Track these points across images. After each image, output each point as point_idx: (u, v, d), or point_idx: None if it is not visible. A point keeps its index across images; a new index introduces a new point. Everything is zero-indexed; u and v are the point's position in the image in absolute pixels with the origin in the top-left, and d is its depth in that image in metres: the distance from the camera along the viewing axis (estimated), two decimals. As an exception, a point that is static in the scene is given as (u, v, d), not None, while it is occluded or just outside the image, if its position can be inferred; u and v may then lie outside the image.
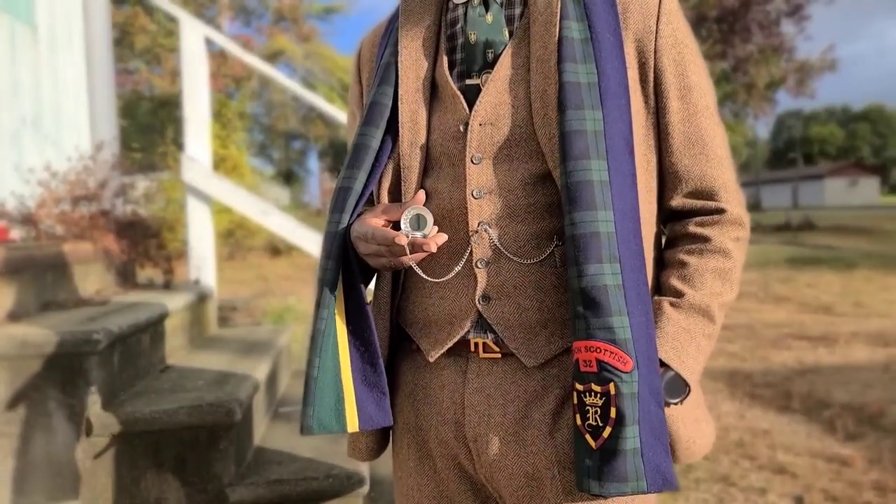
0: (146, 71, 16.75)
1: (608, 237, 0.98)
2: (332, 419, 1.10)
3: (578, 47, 1.06)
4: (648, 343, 0.99)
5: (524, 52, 1.11)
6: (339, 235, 1.12)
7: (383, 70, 1.19)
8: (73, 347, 2.03)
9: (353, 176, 1.13)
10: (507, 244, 1.08)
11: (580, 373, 0.98)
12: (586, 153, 1.00)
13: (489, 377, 1.11)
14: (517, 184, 1.08)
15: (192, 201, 4.00)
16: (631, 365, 0.95)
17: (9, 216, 3.11)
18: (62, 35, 3.89)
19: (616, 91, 1.04)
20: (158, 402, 2.14)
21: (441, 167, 1.14)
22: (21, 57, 3.49)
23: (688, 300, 1.08)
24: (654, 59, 1.09)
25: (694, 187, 1.12)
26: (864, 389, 4.79)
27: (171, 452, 2.10)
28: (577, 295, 0.98)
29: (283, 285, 9.42)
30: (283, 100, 19.60)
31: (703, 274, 1.09)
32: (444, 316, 1.13)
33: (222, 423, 2.10)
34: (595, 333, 0.96)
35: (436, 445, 1.16)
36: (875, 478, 3.31)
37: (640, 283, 1.00)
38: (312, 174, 35.64)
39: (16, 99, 3.44)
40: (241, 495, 2.10)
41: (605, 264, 0.97)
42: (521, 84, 1.09)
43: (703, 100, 1.12)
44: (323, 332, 1.10)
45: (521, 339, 1.08)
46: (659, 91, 1.10)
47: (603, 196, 0.99)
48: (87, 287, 2.95)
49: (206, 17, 18.61)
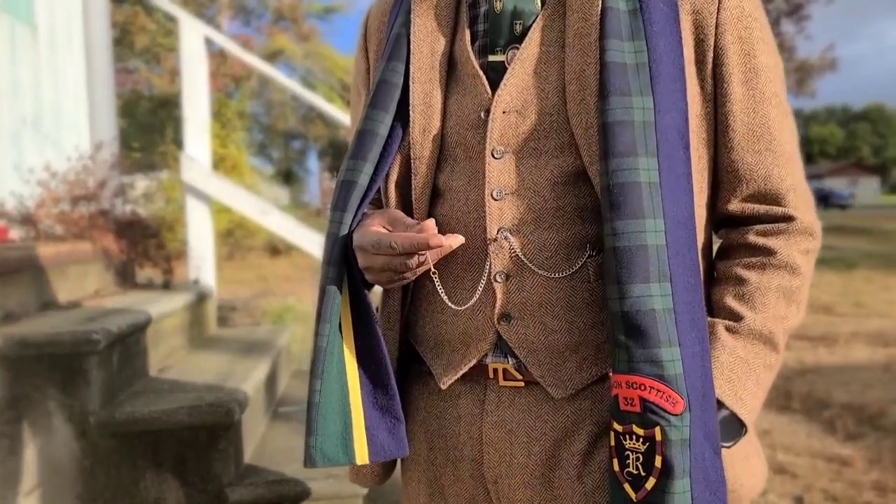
0: (146, 70, 16.76)
1: (657, 251, 0.82)
2: (339, 450, 0.96)
3: (625, 20, 0.88)
4: (704, 379, 0.83)
5: (559, 26, 0.93)
6: (341, 238, 0.95)
7: (393, 42, 1.01)
8: (73, 347, 2.03)
9: (357, 168, 0.97)
10: (531, 254, 0.92)
11: (620, 411, 0.82)
12: (633, 149, 0.83)
13: (510, 409, 0.95)
14: (545, 183, 0.92)
15: (191, 201, 3.99)
16: (681, 406, 0.79)
17: (8, 216, 3.11)
18: (62, 35, 3.89)
19: (670, 73, 0.87)
20: (158, 402, 2.13)
21: (457, 160, 0.97)
22: (21, 57, 3.49)
23: (747, 325, 0.90)
24: (714, 35, 0.91)
25: (757, 189, 0.94)
26: (864, 389, 4.79)
27: (170, 452, 2.09)
28: (619, 320, 0.82)
29: (282, 285, 9.42)
30: (283, 99, 19.61)
31: (766, 293, 0.92)
32: (457, 336, 0.97)
33: (222, 423, 2.10)
34: (639, 367, 0.81)
35: (450, 483, 1.01)
36: (875, 478, 3.31)
37: (694, 306, 0.84)
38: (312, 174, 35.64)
39: (16, 99, 3.44)
40: (241, 495, 2.10)
41: (652, 284, 0.81)
42: (554, 64, 0.92)
43: (772, 86, 0.94)
44: (325, 351, 0.95)
45: (548, 365, 0.92)
46: (719, 74, 0.92)
47: (652, 201, 0.82)
48: (86, 287, 2.94)
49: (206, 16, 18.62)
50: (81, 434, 2.04)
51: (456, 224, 0.96)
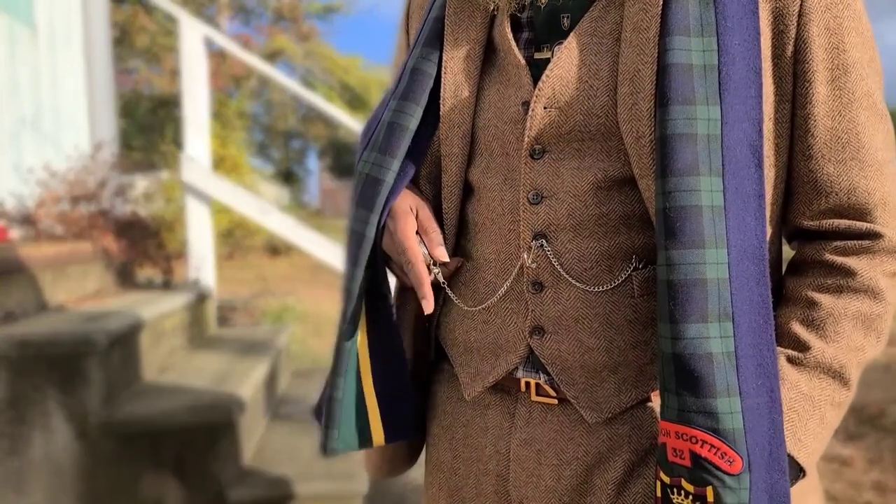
0: (146, 70, 16.75)
1: (718, 286, 0.72)
2: (356, 436, 0.95)
3: (694, 12, 0.76)
4: (772, 435, 0.73)
5: (614, 17, 0.82)
6: (368, 239, 0.88)
7: (431, 26, 0.92)
8: (73, 348, 2.03)
9: (384, 164, 0.88)
10: (569, 265, 0.83)
11: (668, 462, 0.73)
12: (694, 167, 0.72)
13: (541, 427, 0.88)
14: (587, 187, 0.82)
15: (191, 201, 3.99)
16: (740, 466, 0.70)
17: (8, 216, 3.11)
18: (62, 35, 3.89)
19: (743, 78, 0.75)
20: (158, 403, 2.13)
21: (492, 155, 0.88)
22: (20, 57, 3.49)
23: (814, 356, 0.79)
24: (796, 25, 0.78)
25: (838, 203, 0.81)
26: (864, 389, 4.78)
27: (170, 452, 2.09)
28: (669, 363, 0.73)
29: (282, 285, 9.42)
30: (283, 99, 19.60)
31: (840, 320, 0.79)
32: (486, 345, 0.90)
33: (221, 424, 2.10)
34: (691, 417, 0.71)
35: (472, 496, 0.95)
36: (875, 478, 3.31)
37: (762, 350, 0.74)
38: (312, 174, 35.63)
39: (15, 99, 3.44)
40: (241, 495, 2.10)
41: (710, 324, 0.71)
42: (606, 58, 0.81)
43: (864, 84, 0.80)
44: (349, 351, 0.92)
45: (582, 385, 0.84)
46: (800, 71, 0.79)
47: (714, 227, 0.72)
48: (86, 287, 2.94)
49: (206, 16, 18.62)
50: (81, 434, 2.04)
51: (490, 226, 0.89)
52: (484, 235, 0.90)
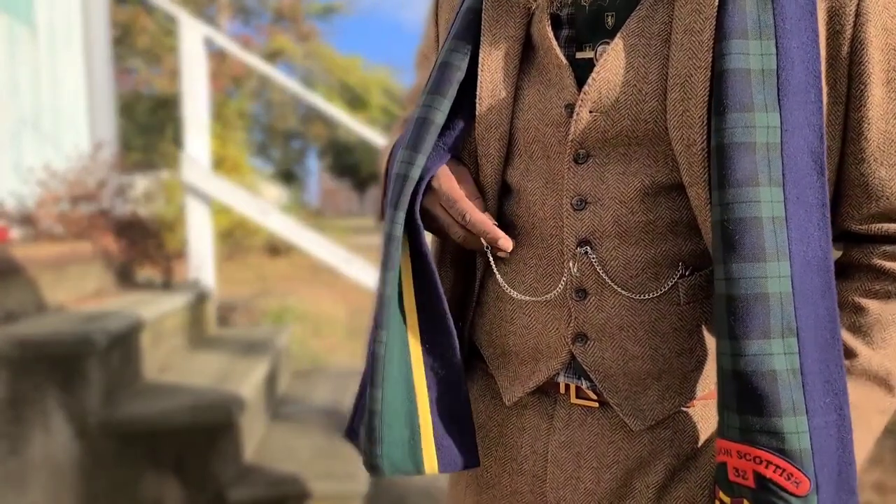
0: (146, 70, 16.76)
1: (781, 300, 0.69)
2: (407, 459, 0.88)
3: (752, 13, 0.72)
4: (842, 455, 0.71)
5: (663, 17, 0.78)
6: (396, 240, 0.85)
7: (464, 17, 0.89)
8: (73, 347, 2.03)
9: (411, 160, 0.85)
10: (614, 272, 0.81)
11: (728, 482, 0.71)
12: (754, 177, 0.70)
13: (581, 430, 0.86)
14: (633, 194, 0.80)
15: (191, 201, 4.00)
16: (807, 487, 0.68)
17: (8, 216, 3.11)
18: (62, 35, 3.89)
19: (803, 82, 0.72)
20: (157, 403, 2.13)
21: (532, 158, 0.85)
22: (21, 57, 3.49)
23: (861, 363, 0.78)
24: (853, 25, 0.75)
25: (888, 207, 0.79)
26: (864, 389, 4.79)
27: (170, 452, 2.09)
28: (730, 380, 0.70)
29: (282, 285, 9.42)
30: (283, 99, 19.60)
31: (888, 327, 0.78)
32: (527, 350, 0.88)
33: (221, 424, 2.10)
34: (754, 437, 0.69)
35: (504, 495, 0.93)
36: (875, 478, 3.31)
37: (831, 366, 0.71)
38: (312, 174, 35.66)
39: (15, 99, 3.44)
40: (241, 495, 2.10)
41: (773, 340, 0.69)
42: (655, 60, 0.77)
43: None
44: (384, 359, 0.86)
45: (626, 393, 0.83)
46: (856, 73, 0.76)
47: (776, 239, 0.69)
48: (86, 287, 2.95)
49: (206, 16, 18.62)
50: (81, 434, 2.04)
51: (531, 230, 0.86)
52: (524, 239, 0.87)
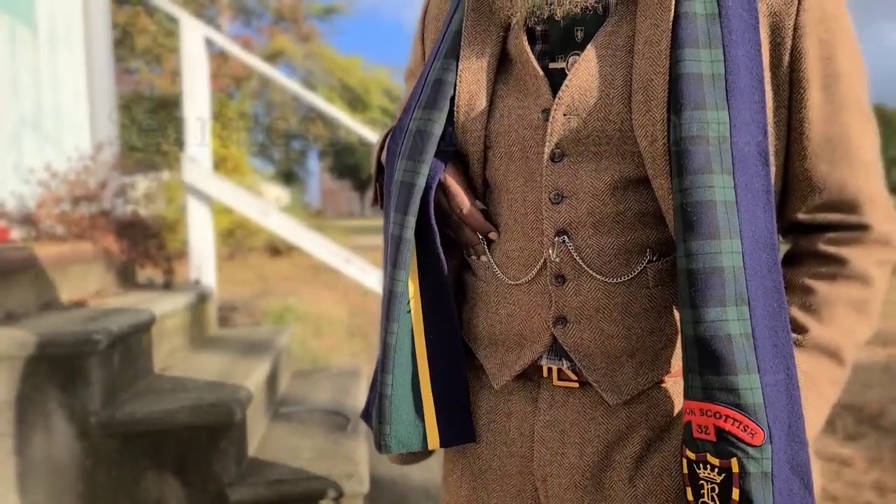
0: (147, 71, 16.77)
1: (734, 273, 0.78)
2: (413, 436, 0.99)
3: (702, 26, 0.82)
4: (790, 407, 0.79)
5: (627, 30, 0.89)
6: (407, 241, 0.94)
7: (452, 39, 0.99)
8: (73, 347, 2.03)
9: (415, 170, 0.95)
10: (589, 259, 0.90)
11: (693, 439, 0.79)
12: (708, 166, 0.79)
13: (564, 409, 0.95)
14: (604, 187, 0.89)
15: (192, 201, 4.00)
16: (761, 437, 0.75)
17: (9, 216, 3.11)
18: (62, 35, 3.89)
19: (748, 85, 0.82)
20: (158, 402, 2.14)
21: (512, 159, 0.95)
22: (21, 57, 3.49)
23: (812, 338, 0.87)
24: (792, 38, 0.86)
25: (830, 198, 0.89)
26: (864, 389, 4.79)
27: (171, 452, 2.10)
28: (692, 345, 0.79)
29: (283, 285, 9.42)
30: (283, 100, 19.61)
31: (835, 305, 0.88)
32: (512, 337, 0.97)
33: (222, 423, 2.10)
34: (714, 395, 0.77)
35: (496, 478, 1.01)
36: (875, 478, 3.31)
37: (777, 331, 0.80)
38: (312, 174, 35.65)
39: (16, 99, 3.44)
40: (242, 495, 2.10)
41: (728, 307, 0.77)
42: (620, 69, 0.88)
43: (853, 90, 0.88)
44: (395, 347, 0.97)
45: (603, 370, 0.91)
46: (795, 79, 0.87)
47: (728, 220, 0.78)
48: (87, 287, 2.95)
49: (207, 17, 18.64)
50: (82, 434, 2.05)
51: (513, 224, 0.95)
52: (507, 234, 0.96)
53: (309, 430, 2.58)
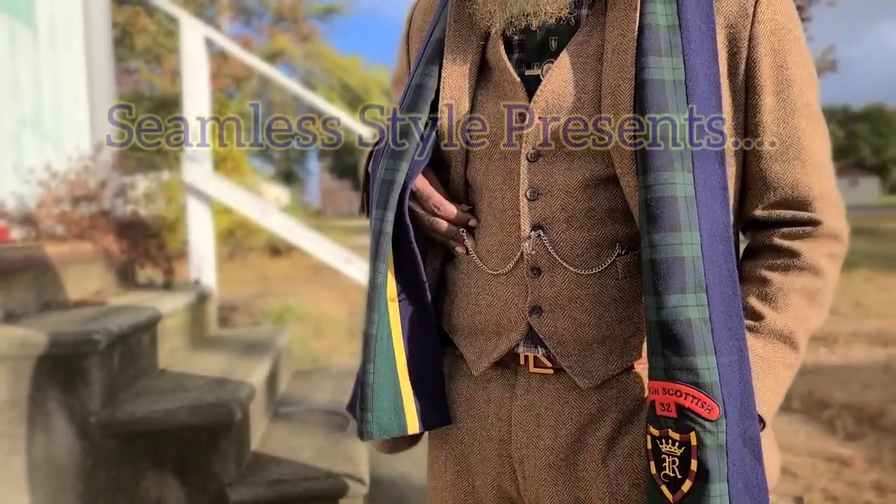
0: (146, 71, 16.77)
1: (693, 262, 0.85)
2: (393, 422, 1.04)
3: (664, 36, 0.90)
4: (742, 386, 0.86)
5: (597, 40, 0.96)
6: (386, 235, 1.01)
7: (433, 47, 1.06)
8: (73, 347, 2.03)
9: (396, 168, 1.01)
10: (562, 252, 0.97)
11: (656, 416, 0.86)
12: (669, 164, 0.86)
13: (539, 395, 1.01)
14: (577, 185, 0.96)
15: (192, 201, 4.00)
16: (717, 412, 0.82)
17: (9, 216, 3.11)
18: (62, 35, 3.89)
19: (706, 90, 0.90)
20: (158, 402, 2.14)
21: (492, 159, 1.01)
22: (21, 57, 3.49)
23: (768, 324, 0.94)
24: (747, 48, 0.94)
25: (783, 196, 0.97)
26: (864, 389, 4.79)
27: (171, 452, 2.10)
28: (655, 329, 0.85)
29: (283, 285, 9.43)
30: (283, 100, 19.61)
31: (788, 294, 0.95)
32: (491, 326, 1.03)
33: (222, 423, 2.10)
34: (675, 374, 0.83)
35: (477, 461, 1.07)
36: (875, 478, 3.31)
37: (732, 316, 0.87)
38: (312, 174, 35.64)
39: (16, 99, 3.44)
40: (242, 495, 2.10)
41: (688, 294, 0.84)
42: (591, 75, 0.94)
43: (804, 96, 0.96)
44: (375, 337, 1.02)
45: (576, 356, 0.98)
46: (751, 86, 0.95)
47: (688, 214, 0.85)
48: (87, 287, 2.95)
49: (207, 17, 18.63)
50: (82, 434, 2.05)
51: (492, 221, 1.02)
52: (487, 230, 1.02)
53: (309, 430, 2.58)
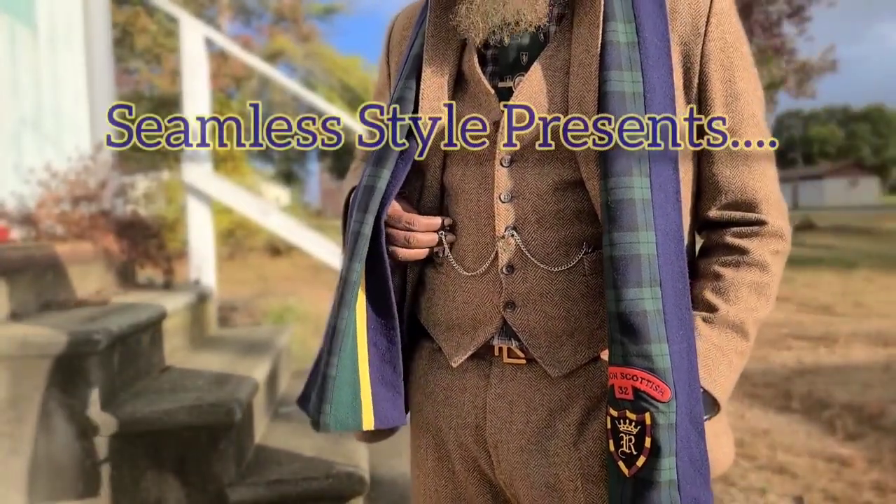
0: (146, 71, 16.78)
1: (649, 259, 0.93)
2: (349, 416, 1.09)
3: (624, 52, 0.99)
4: (690, 371, 0.94)
5: (564, 55, 1.04)
6: (364, 237, 1.07)
7: (412, 62, 1.13)
8: (73, 347, 2.03)
9: (377, 175, 1.08)
10: (534, 250, 1.05)
11: (615, 399, 0.94)
12: (628, 169, 0.94)
13: (512, 383, 1.08)
14: (547, 189, 1.04)
15: (192, 201, 4.00)
16: (668, 395, 0.91)
17: (9, 216, 3.11)
18: (62, 35, 3.89)
19: (662, 102, 0.98)
20: (158, 402, 2.14)
21: (468, 165, 1.09)
22: (21, 57, 3.49)
23: (721, 315, 1.03)
24: (699, 64, 1.03)
25: (734, 199, 1.07)
26: (864, 389, 4.79)
27: (171, 452, 2.10)
28: (615, 320, 0.93)
29: (283, 285, 9.43)
30: (283, 100, 19.61)
31: (739, 288, 1.04)
32: (467, 320, 1.10)
33: (222, 423, 2.10)
34: (632, 361, 0.92)
35: (455, 448, 1.14)
36: (875, 478, 3.31)
37: (682, 308, 0.96)
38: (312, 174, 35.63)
39: (16, 99, 3.44)
40: (242, 495, 2.10)
41: (644, 288, 0.93)
42: (559, 87, 1.03)
43: (749, 107, 1.06)
44: (343, 332, 1.08)
45: (546, 347, 1.05)
46: (703, 98, 1.05)
47: (645, 215, 0.94)
48: (87, 287, 2.95)
49: (207, 17, 18.63)
50: (82, 434, 2.05)
51: (468, 223, 1.09)
52: (464, 231, 1.10)
53: (309, 430, 2.58)
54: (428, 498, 1.19)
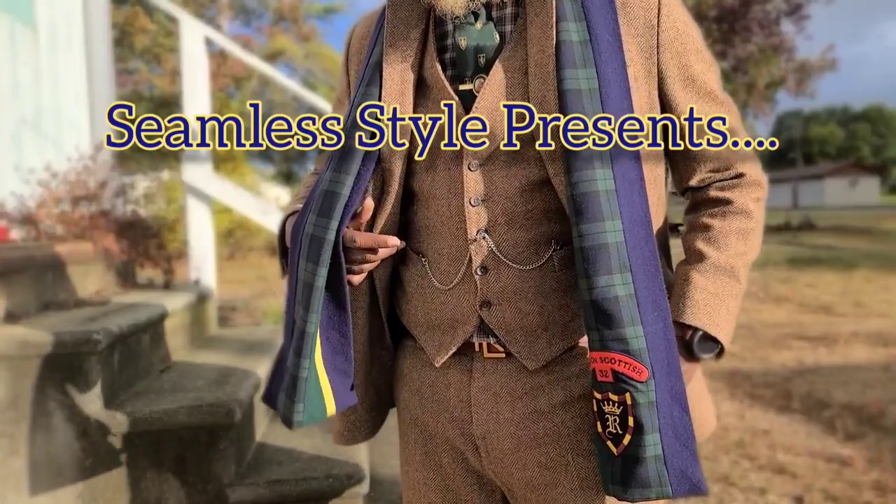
0: (146, 71, 16.77)
1: (617, 247, 0.97)
2: (317, 409, 1.13)
3: (578, 51, 1.03)
4: (667, 349, 0.98)
5: (521, 56, 1.07)
6: (328, 242, 1.08)
7: (371, 70, 1.15)
8: (73, 347, 2.03)
9: (339, 181, 1.10)
10: (505, 251, 1.08)
11: (598, 382, 0.98)
12: (590, 162, 0.98)
13: (494, 375, 1.12)
14: (515, 191, 1.07)
15: (192, 201, 4.00)
16: (646, 374, 0.95)
17: (9, 216, 3.11)
18: (62, 35, 3.89)
19: (617, 95, 1.02)
20: (158, 402, 2.14)
21: (437, 170, 1.12)
22: (21, 57, 3.49)
23: (713, 262, 1.08)
24: (657, 54, 1.08)
25: (713, 166, 1.14)
26: (864, 389, 4.79)
27: (171, 452, 2.10)
28: (589, 307, 0.97)
29: (282, 285, 9.41)
30: (284, 100, 19.61)
31: (728, 235, 1.10)
32: (446, 321, 1.14)
33: (222, 423, 2.10)
34: (609, 345, 0.96)
35: (442, 442, 1.18)
36: (875, 478, 3.31)
37: (655, 290, 1.00)
38: (312, 174, 35.53)
39: (16, 99, 3.44)
40: (241, 495, 2.10)
41: (615, 275, 0.96)
42: (519, 89, 1.06)
43: (706, 85, 1.12)
44: (312, 335, 1.10)
45: (523, 342, 1.09)
46: (663, 85, 1.10)
47: (610, 206, 0.97)
48: (87, 287, 2.95)
49: (206, 17, 18.64)
50: (82, 434, 2.05)
51: (440, 227, 1.12)
52: (436, 235, 1.13)
53: (309, 430, 2.58)
54: (417, 490, 1.23)
